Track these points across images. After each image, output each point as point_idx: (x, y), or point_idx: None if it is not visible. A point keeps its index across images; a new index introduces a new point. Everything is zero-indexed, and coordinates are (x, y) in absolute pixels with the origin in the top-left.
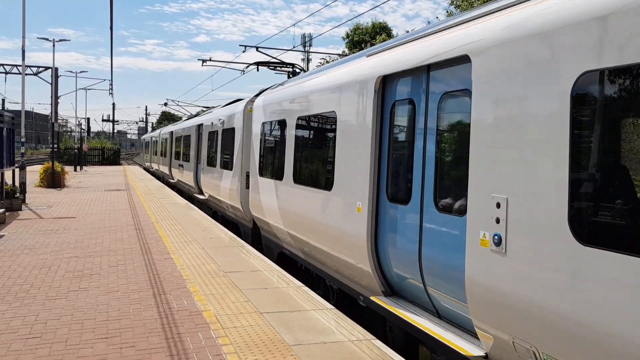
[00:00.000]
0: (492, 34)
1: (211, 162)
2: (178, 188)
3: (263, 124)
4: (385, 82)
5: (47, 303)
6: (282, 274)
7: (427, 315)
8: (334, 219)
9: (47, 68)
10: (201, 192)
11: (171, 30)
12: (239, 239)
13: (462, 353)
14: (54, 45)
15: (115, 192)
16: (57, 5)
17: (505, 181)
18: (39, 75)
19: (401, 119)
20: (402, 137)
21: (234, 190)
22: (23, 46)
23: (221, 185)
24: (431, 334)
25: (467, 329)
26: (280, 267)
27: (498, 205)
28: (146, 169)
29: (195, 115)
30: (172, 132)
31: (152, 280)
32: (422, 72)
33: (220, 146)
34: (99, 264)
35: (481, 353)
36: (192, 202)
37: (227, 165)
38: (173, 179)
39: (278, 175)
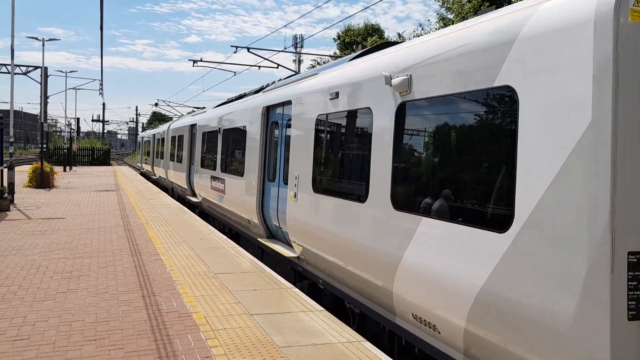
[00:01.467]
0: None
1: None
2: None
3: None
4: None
5: (35, 305)
6: (272, 276)
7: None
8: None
9: (36, 67)
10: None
11: (162, 30)
12: (230, 240)
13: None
14: (43, 45)
15: (104, 192)
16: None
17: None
18: (29, 74)
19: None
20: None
21: None
22: (12, 45)
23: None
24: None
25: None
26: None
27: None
28: (145, 175)
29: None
30: (192, 126)
31: (142, 281)
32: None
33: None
34: (88, 265)
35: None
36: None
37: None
38: (197, 197)
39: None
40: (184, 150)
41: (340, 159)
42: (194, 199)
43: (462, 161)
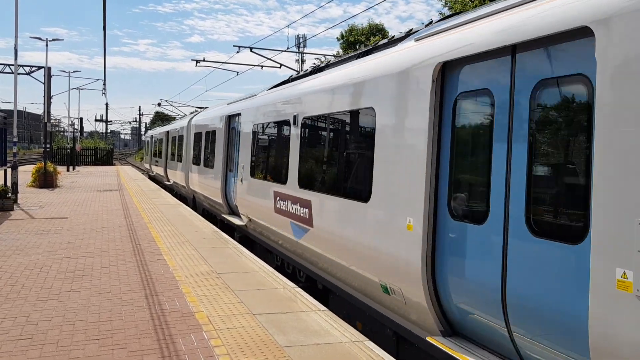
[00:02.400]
0: None
1: None
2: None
3: None
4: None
5: (38, 304)
6: (275, 275)
7: None
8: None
9: (39, 67)
10: None
11: (165, 30)
12: (232, 239)
13: None
14: (46, 45)
15: (108, 192)
16: (50, 5)
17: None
18: (32, 74)
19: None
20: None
21: None
22: (15, 45)
23: None
24: None
25: None
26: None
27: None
28: (155, 180)
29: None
30: (231, 117)
31: (145, 281)
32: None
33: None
34: (91, 265)
35: None
36: None
37: None
38: (240, 217)
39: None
40: (218, 151)
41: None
42: (235, 221)
43: (349, 160)
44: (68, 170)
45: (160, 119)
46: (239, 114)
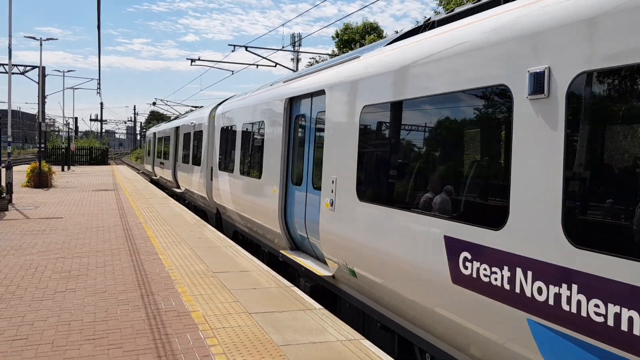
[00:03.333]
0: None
1: None
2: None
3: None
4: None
5: (33, 304)
6: (271, 274)
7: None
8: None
9: (34, 67)
10: None
11: (159, 29)
12: (228, 239)
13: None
14: (41, 44)
15: (103, 192)
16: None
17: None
18: (26, 74)
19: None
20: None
21: None
22: (9, 45)
23: None
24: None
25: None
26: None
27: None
28: (158, 184)
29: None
30: (318, 95)
31: (140, 280)
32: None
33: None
34: (87, 265)
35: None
36: None
37: None
38: (327, 263)
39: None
40: (269, 152)
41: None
42: (311, 266)
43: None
44: (63, 170)
45: (156, 118)
46: (319, 93)
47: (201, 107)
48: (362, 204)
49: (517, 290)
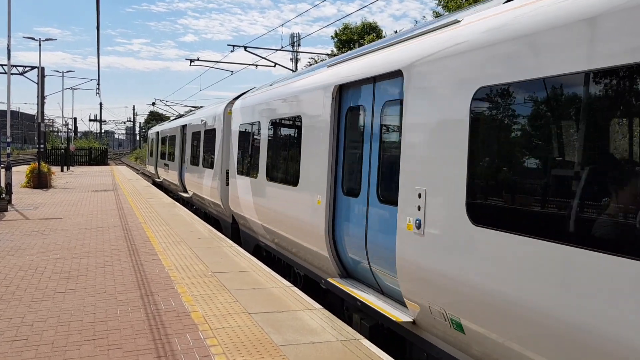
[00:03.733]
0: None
1: None
2: None
3: None
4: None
5: (33, 305)
6: (270, 274)
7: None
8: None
9: (33, 67)
10: None
11: (158, 29)
12: (227, 239)
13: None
14: (40, 45)
15: (102, 192)
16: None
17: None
18: (25, 74)
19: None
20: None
21: None
22: (8, 45)
23: None
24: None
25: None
26: None
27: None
28: (160, 186)
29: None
30: (384, 81)
31: (140, 281)
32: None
33: None
34: (86, 265)
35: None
36: None
37: None
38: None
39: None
40: (309, 153)
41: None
42: (392, 312)
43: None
44: (62, 170)
45: (155, 118)
46: (389, 75)
47: (200, 107)
48: (482, 230)
49: None
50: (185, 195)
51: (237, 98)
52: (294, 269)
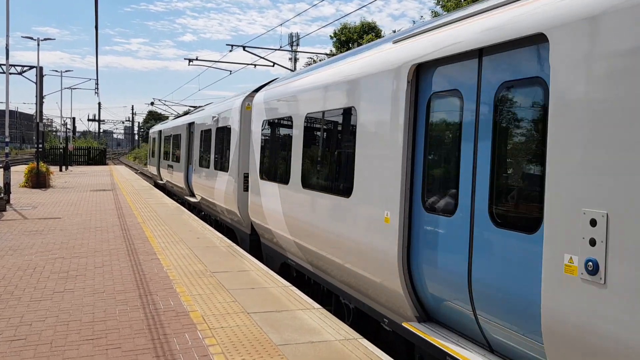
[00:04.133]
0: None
1: None
2: None
3: None
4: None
5: (32, 304)
6: (269, 274)
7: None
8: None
9: (31, 67)
10: None
11: (157, 29)
12: (226, 239)
13: None
14: (38, 44)
15: (101, 192)
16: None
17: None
18: (24, 74)
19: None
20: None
21: None
22: (7, 45)
23: None
24: None
25: None
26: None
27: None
28: (164, 189)
29: None
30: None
31: (139, 281)
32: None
33: None
34: (85, 265)
35: None
36: None
37: None
38: None
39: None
40: (385, 153)
41: None
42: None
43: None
44: (61, 170)
45: (154, 118)
46: (509, 46)
47: (208, 103)
48: None
49: None
50: (192, 200)
51: (256, 91)
52: (340, 298)
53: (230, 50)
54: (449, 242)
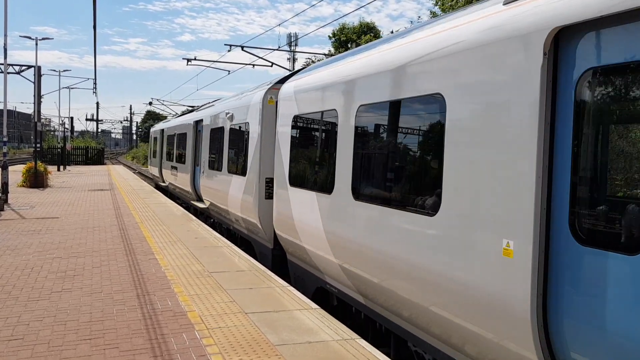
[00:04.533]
0: None
1: None
2: None
3: None
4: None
5: (29, 304)
6: (267, 274)
7: None
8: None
9: (29, 67)
10: None
11: (155, 28)
12: (224, 239)
13: None
14: (36, 44)
15: (99, 192)
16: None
17: None
18: (22, 74)
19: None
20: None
21: None
22: (5, 44)
23: None
24: None
25: None
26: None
27: None
28: (166, 192)
29: None
30: None
31: (136, 280)
32: None
33: None
34: (82, 265)
35: None
36: None
37: None
38: None
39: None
40: (499, 158)
41: None
42: None
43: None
44: (59, 169)
45: (152, 118)
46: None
47: (216, 100)
48: None
49: None
50: (199, 205)
51: (281, 82)
52: (409, 344)
53: (229, 50)
54: (623, 291)
